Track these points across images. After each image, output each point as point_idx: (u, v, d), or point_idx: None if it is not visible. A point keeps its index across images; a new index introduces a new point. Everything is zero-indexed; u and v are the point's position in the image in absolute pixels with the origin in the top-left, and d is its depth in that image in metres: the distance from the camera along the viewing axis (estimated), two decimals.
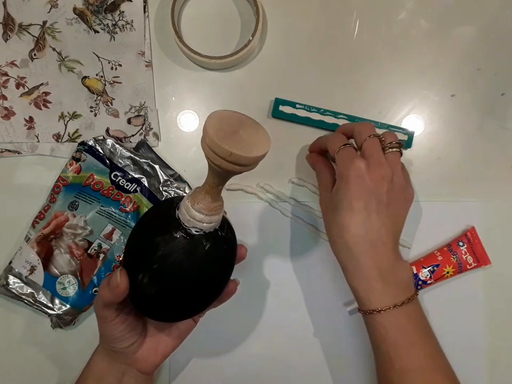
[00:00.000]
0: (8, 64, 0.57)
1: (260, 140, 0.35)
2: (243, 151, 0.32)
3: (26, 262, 0.54)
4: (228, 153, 0.32)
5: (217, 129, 0.33)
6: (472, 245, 0.56)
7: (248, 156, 0.33)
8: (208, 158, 0.34)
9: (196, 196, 0.37)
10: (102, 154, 0.56)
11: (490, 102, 0.59)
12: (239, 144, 0.33)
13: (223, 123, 0.34)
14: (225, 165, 0.33)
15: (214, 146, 0.32)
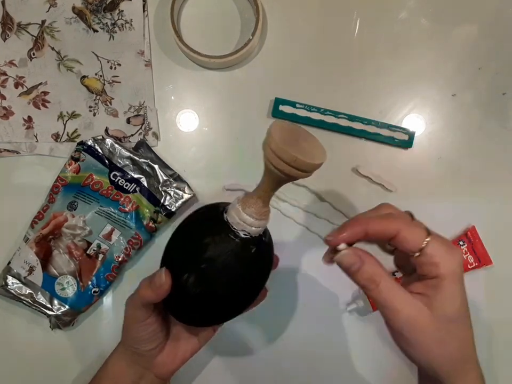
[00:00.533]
0: (6, 63, 0.57)
1: (317, 149, 0.37)
2: (307, 157, 0.34)
3: (25, 263, 0.53)
4: (293, 158, 0.33)
5: (281, 136, 0.34)
6: (473, 244, 0.55)
7: (312, 162, 0.34)
8: (271, 163, 0.35)
9: (247, 200, 0.38)
10: (101, 154, 0.56)
11: (491, 101, 0.59)
12: (302, 151, 0.34)
13: (285, 132, 0.36)
14: (288, 170, 0.34)
15: (280, 151, 0.34)
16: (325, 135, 0.58)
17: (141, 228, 0.55)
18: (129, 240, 0.55)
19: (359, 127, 0.57)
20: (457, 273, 0.35)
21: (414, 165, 0.58)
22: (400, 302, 0.35)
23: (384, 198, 0.58)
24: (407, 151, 0.58)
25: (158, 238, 0.58)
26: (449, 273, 0.35)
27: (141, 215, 0.55)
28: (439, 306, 0.35)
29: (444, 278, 0.35)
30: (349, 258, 0.35)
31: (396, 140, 0.57)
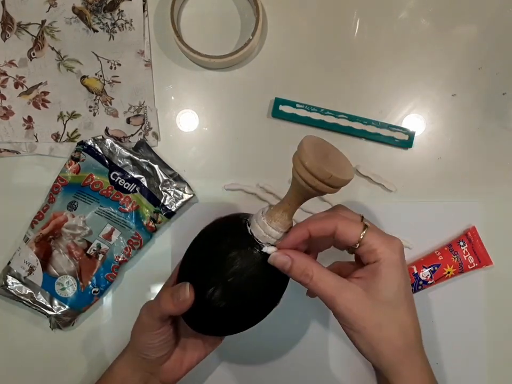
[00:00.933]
0: (6, 63, 0.57)
1: (345, 164, 0.37)
2: (339, 174, 0.34)
3: (25, 263, 0.53)
4: (327, 175, 0.34)
5: (314, 153, 0.35)
6: (473, 244, 0.55)
7: (345, 179, 0.35)
8: (304, 180, 0.35)
9: (273, 214, 0.39)
10: (101, 154, 0.56)
11: (491, 101, 0.58)
12: (334, 167, 0.34)
13: (316, 148, 0.36)
14: (321, 186, 0.34)
15: (315, 169, 0.34)
16: (325, 135, 0.58)
17: (141, 227, 0.55)
18: (129, 240, 0.55)
19: (359, 127, 0.57)
20: (394, 258, 0.37)
21: (414, 165, 0.58)
22: (335, 288, 0.37)
23: (384, 198, 0.58)
24: (407, 151, 0.58)
25: (158, 238, 0.58)
26: (386, 257, 0.36)
27: (141, 215, 0.55)
28: (376, 289, 0.36)
29: (381, 263, 0.36)
30: (280, 258, 0.38)
31: (396, 139, 0.57)
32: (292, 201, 0.38)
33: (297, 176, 0.36)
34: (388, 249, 0.37)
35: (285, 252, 0.38)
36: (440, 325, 0.56)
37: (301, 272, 0.37)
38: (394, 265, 0.37)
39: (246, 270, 0.38)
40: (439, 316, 0.57)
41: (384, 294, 0.36)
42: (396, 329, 0.36)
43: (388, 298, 0.36)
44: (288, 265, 0.38)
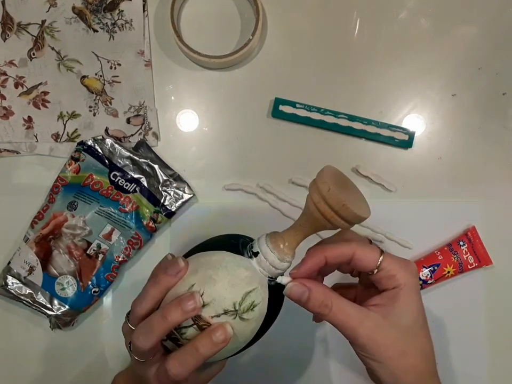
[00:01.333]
0: (6, 63, 0.57)
1: (363, 201, 0.36)
2: (354, 207, 0.33)
3: (25, 263, 0.53)
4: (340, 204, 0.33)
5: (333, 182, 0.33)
6: (473, 244, 0.55)
7: (359, 215, 0.33)
8: (317, 208, 0.34)
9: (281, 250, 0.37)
10: (101, 154, 0.56)
11: (491, 101, 0.59)
12: (350, 201, 0.33)
13: (336, 178, 0.35)
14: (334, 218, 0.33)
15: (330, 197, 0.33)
16: (325, 135, 0.58)
17: (141, 227, 0.55)
18: (129, 240, 0.55)
19: (359, 127, 0.57)
20: (413, 283, 0.36)
21: (414, 165, 0.58)
22: (356, 319, 0.35)
23: (384, 197, 0.58)
24: (407, 151, 0.58)
25: (158, 238, 0.58)
26: (405, 283, 0.36)
27: (141, 215, 0.55)
28: (397, 315, 0.35)
29: (401, 288, 0.35)
30: (297, 288, 0.36)
31: (396, 139, 0.57)
32: (307, 233, 0.36)
33: (311, 203, 0.34)
34: (407, 274, 0.36)
35: (301, 281, 0.36)
36: (440, 324, 0.56)
37: (319, 303, 0.35)
38: (413, 291, 0.36)
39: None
40: (439, 316, 0.57)
41: (405, 320, 0.35)
42: (420, 357, 0.36)
43: (409, 324, 0.35)
44: (306, 296, 0.36)
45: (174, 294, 0.36)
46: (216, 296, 0.35)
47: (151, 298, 0.37)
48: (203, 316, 0.35)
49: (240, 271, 0.36)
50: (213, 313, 0.35)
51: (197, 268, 0.37)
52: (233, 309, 0.35)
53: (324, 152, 0.58)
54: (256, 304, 0.36)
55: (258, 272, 0.37)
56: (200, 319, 0.35)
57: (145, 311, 0.37)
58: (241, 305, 0.35)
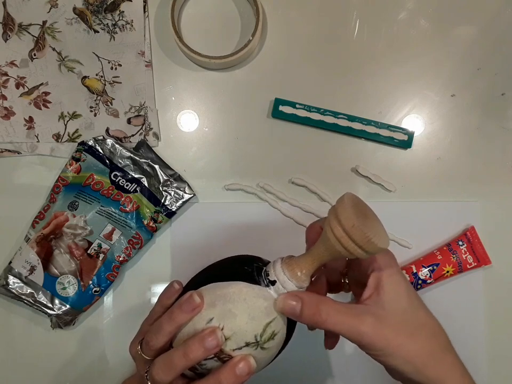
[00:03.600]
0: (8, 64, 0.57)
1: (382, 231, 0.35)
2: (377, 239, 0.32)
3: (26, 262, 0.54)
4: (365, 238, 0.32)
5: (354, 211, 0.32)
6: (472, 244, 0.56)
7: (381, 247, 0.32)
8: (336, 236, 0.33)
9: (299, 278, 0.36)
10: (101, 154, 0.56)
11: (490, 102, 0.59)
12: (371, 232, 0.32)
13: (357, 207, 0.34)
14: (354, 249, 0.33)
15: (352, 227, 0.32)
16: (325, 135, 0.58)
17: (142, 227, 0.55)
18: (129, 239, 0.55)
19: (359, 128, 0.57)
20: (392, 265, 0.36)
21: (413, 165, 0.58)
22: (355, 319, 0.34)
23: (383, 197, 0.58)
24: (407, 151, 0.58)
25: (158, 238, 0.58)
26: (384, 266, 0.36)
27: (142, 215, 0.55)
28: (388, 301, 0.35)
29: (381, 273, 0.35)
30: (289, 300, 0.35)
31: (395, 140, 0.58)
32: (318, 259, 0.35)
33: (332, 236, 0.33)
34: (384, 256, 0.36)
35: (291, 293, 0.35)
36: None
37: (313, 312, 0.34)
38: (394, 272, 0.36)
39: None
40: (438, 315, 0.56)
41: (398, 303, 0.35)
42: (426, 334, 0.35)
43: (403, 306, 0.35)
44: (298, 308, 0.34)
45: (191, 328, 0.36)
46: (237, 329, 0.35)
47: (167, 334, 0.36)
48: (224, 349, 0.35)
49: (260, 302, 0.35)
50: (234, 347, 0.35)
51: (214, 301, 0.36)
52: (254, 341, 0.35)
53: (324, 152, 0.58)
54: (276, 333, 0.35)
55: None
56: (222, 352, 0.35)
57: (161, 345, 0.37)
58: (263, 337, 0.35)
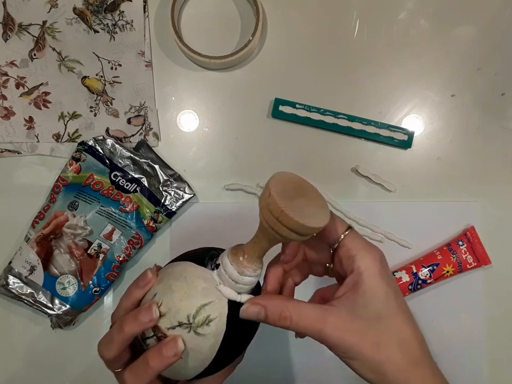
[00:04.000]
0: (8, 64, 0.57)
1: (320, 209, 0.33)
2: (297, 215, 0.30)
3: (26, 262, 0.54)
4: (278, 211, 0.30)
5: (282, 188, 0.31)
6: (472, 244, 0.56)
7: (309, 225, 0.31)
8: (262, 215, 0.32)
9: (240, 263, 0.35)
10: (101, 154, 0.56)
11: (490, 102, 0.59)
12: (298, 209, 0.31)
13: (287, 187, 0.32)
14: (278, 227, 0.31)
15: (271, 204, 0.31)
16: (325, 135, 0.58)
17: (142, 227, 0.55)
18: (129, 239, 0.55)
19: (359, 128, 0.57)
20: (374, 267, 0.33)
21: (413, 165, 0.58)
22: (319, 319, 0.33)
23: (383, 197, 0.58)
24: (407, 151, 0.58)
25: (158, 238, 0.58)
26: (366, 267, 0.33)
27: (142, 214, 0.55)
28: (362, 304, 0.33)
29: (360, 273, 0.33)
30: (251, 308, 0.34)
31: (395, 140, 0.58)
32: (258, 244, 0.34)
33: (261, 217, 0.32)
34: (368, 257, 0.34)
35: (254, 300, 0.34)
36: (439, 324, 0.57)
37: (277, 317, 0.33)
38: (376, 275, 0.33)
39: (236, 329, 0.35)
40: (438, 315, 0.57)
41: (372, 307, 0.33)
42: (395, 346, 0.32)
43: (377, 311, 0.33)
44: (262, 314, 0.34)
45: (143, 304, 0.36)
46: (172, 306, 0.34)
47: (123, 310, 0.37)
48: (160, 327, 0.34)
49: (198, 282, 0.34)
50: (168, 325, 0.34)
51: (162, 278, 0.36)
52: (187, 322, 0.34)
53: (324, 152, 0.58)
54: (211, 319, 0.34)
55: (220, 286, 0.35)
56: (159, 330, 0.34)
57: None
58: (196, 318, 0.34)
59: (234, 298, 0.35)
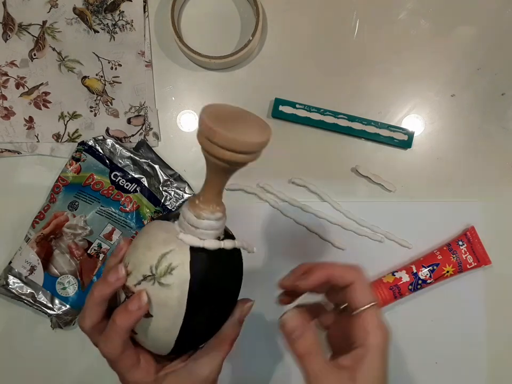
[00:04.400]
0: (8, 64, 0.57)
1: (256, 127, 0.33)
2: (239, 135, 0.30)
3: (26, 262, 0.54)
4: (230, 140, 0.30)
5: (214, 118, 0.30)
6: (472, 244, 0.56)
7: (243, 140, 0.30)
8: (203, 147, 0.31)
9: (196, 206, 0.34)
10: (101, 154, 0.56)
11: (490, 102, 0.59)
12: (232, 128, 0.30)
13: (221, 113, 0.32)
14: (215, 150, 0.30)
15: (205, 128, 0.30)
16: (325, 135, 0.58)
17: (142, 227, 0.55)
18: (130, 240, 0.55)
19: (359, 127, 0.57)
20: (382, 348, 0.35)
21: (413, 165, 0.58)
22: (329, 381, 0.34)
23: (383, 197, 0.58)
24: (407, 151, 0.58)
25: None
26: (374, 345, 0.34)
27: (142, 214, 0.55)
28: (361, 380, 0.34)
29: (368, 350, 0.34)
30: (292, 322, 0.34)
31: (395, 140, 0.58)
32: (209, 183, 0.34)
33: (201, 148, 0.32)
34: (379, 336, 0.35)
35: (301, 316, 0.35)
36: (439, 324, 0.57)
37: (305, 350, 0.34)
38: (381, 356, 0.35)
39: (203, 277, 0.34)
40: (438, 315, 0.57)
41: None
42: None
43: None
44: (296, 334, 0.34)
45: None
46: (136, 262, 0.34)
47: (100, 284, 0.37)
48: (129, 286, 0.34)
49: (159, 234, 0.34)
50: (134, 282, 0.34)
51: (134, 240, 0.37)
52: (150, 274, 0.33)
53: (324, 152, 0.58)
54: (173, 267, 0.33)
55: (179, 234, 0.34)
56: (128, 290, 0.34)
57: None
58: (158, 268, 0.33)
59: (198, 244, 0.34)
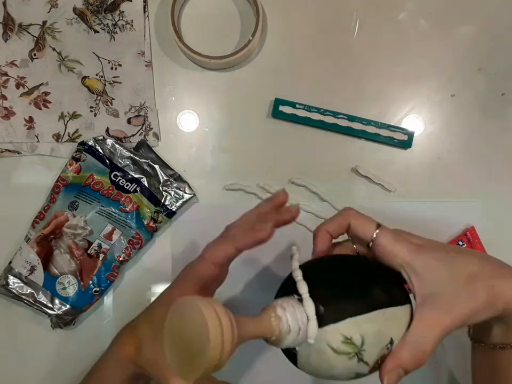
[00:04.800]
0: (8, 64, 0.57)
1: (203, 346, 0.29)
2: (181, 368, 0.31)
3: (26, 262, 0.54)
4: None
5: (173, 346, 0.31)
6: (472, 244, 0.56)
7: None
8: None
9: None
10: (101, 154, 0.56)
11: (490, 102, 0.59)
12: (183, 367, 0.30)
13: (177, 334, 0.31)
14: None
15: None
16: (325, 135, 0.58)
17: (142, 227, 0.55)
18: (129, 239, 0.55)
19: (359, 128, 0.57)
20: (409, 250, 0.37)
21: (413, 165, 0.58)
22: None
23: (383, 197, 0.58)
24: (406, 151, 0.58)
25: (158, 238, 0.58)
26: (404, 258, 0.37)
27: (142, 215, 0.55)
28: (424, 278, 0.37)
29: (405, 262, 0.37)
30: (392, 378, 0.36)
31: (395, 140, 0.58)
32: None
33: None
34: (400, 248, 0.38)
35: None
36: None
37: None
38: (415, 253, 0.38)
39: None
40: None
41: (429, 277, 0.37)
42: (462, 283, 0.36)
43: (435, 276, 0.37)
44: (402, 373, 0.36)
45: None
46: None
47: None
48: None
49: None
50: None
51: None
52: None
53: (324, 152, 0.58)
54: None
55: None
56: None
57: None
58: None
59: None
